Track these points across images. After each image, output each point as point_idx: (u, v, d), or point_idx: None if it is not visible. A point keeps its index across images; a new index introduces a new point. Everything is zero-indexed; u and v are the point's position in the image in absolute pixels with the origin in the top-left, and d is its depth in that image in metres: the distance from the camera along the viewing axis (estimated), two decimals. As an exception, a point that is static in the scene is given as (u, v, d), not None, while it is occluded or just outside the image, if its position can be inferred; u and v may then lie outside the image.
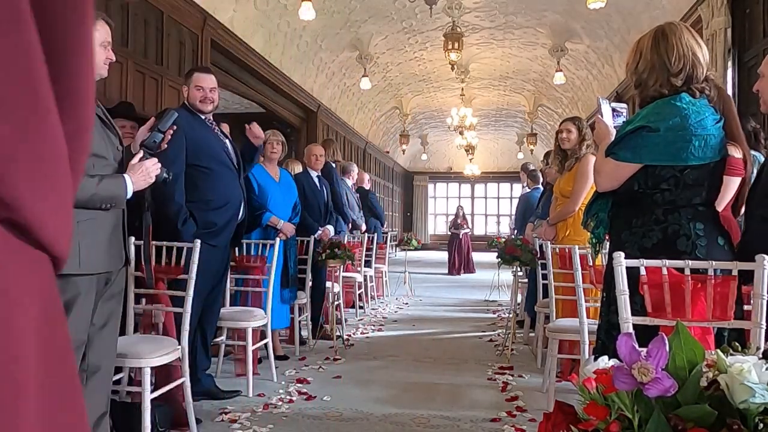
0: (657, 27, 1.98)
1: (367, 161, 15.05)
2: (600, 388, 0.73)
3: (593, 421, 0.73)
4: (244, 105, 10.05)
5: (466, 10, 8.52)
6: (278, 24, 7.99)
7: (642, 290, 1.72)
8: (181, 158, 3.06)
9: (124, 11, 5.05)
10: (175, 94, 5.40)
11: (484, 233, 19.89)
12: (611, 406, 0.73)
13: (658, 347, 0.72)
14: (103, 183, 2.11)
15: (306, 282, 4.75)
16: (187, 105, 3.24)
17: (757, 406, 0.69)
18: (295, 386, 3.65)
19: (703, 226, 1.85)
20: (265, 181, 4.22)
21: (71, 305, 2.07)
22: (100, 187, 2.09)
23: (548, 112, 14.16)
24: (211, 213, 3.15)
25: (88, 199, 2.07)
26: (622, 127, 1.97)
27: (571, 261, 2.93)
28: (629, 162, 1.88)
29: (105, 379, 2.29)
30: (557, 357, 3.32)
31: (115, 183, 2.16)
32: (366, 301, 6.92)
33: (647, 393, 0.70)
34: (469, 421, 3.06)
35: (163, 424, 2.63)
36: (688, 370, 0.73)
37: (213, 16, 6.41)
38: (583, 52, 9.69)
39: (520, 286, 5.43)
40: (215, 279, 3.26)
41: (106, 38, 2.18)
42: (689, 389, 0.72)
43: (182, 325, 2.71)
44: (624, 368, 0.71)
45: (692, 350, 0.75)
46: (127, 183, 2.19)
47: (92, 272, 2.11)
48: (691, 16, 6.15)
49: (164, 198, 2.96)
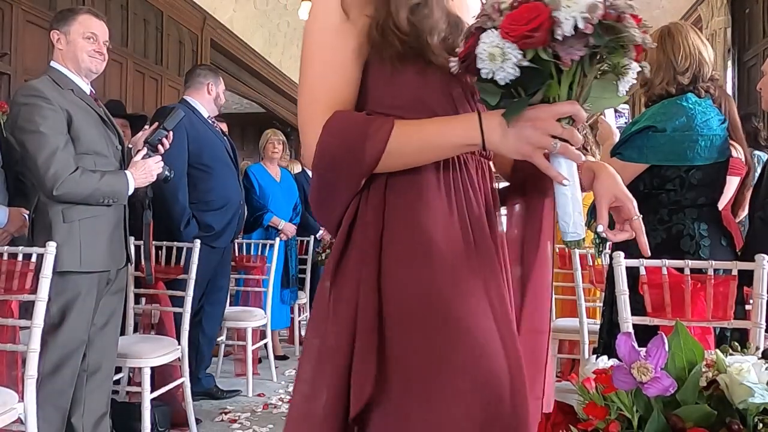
0: (662, 27, 1.98)
1: (367, 161, 15.04)
2: (599, 387, 0.73)
3: (593, 421, 0.73)
4: (244, 105, 10.04)
5: (466, 10, 8.52)
6: (278, 24, 7.99)
7: (642, 290, 1.72)
8: (183, 157, 3.05)
9: (124, 11, 5.05)
10: (175, 94, 5.40)
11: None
12: (611, 405, 0.73)
13: (658, 347, 0.72)
14: (105, 179, 2.11)
15: (306, 282, 4.74)
16: (187, 101, 3.23)
17: (756, 406, 0.69)
18: (295, 386, 3.64)
19: (707, 226, 1.85)
20: (265, 181, 4.21)
21: (72, 304, 2.07)
22: (102, 183, 2.10)
23: (548, 112, 14.15)
24: (211, 215, 3.13)
25: (90, 194, 2.08)
26: (628, 126, 1.97)
27: (571, 261, 2.93)
28: (635, 162, 1.87)
29: (105, 379, 2.29)
30: (557, 357, 3.31)
31: (116, 179, 2.16)
32: (366, 301, 6.92)
33: (646, 392, 0.70)
34: (469, 421, 3.06)
35: (162, 424, 2.63)
36: (687, 369, 0.73)
37: (213, 16, 6.41)
38: (583, 52, 9.69)
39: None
40: (208, 276, 3.23)
41: (88, 30, 2.20)
42: (689, 389, 0.72)
43: (182, 325, 2.71)
44: (623, 368, 0.71)
45: (692, 350, 0.75)
46: (128, 179, 2.19)
47: (93, 270, 2.12)
48: (691, 16, 6.15)
49: (168, 199, 2.96)
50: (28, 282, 1.93)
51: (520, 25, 0.77)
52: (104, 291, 2.21)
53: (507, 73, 0.80)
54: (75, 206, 2.08)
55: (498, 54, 0.79)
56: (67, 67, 2.17)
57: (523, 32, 0.77)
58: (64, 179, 2.00)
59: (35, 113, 2.01)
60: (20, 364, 1.91)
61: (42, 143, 2.00)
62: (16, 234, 2.48)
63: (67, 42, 2.16)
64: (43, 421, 1.93)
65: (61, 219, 2.06)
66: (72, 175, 2.02)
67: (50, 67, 2.18)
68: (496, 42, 0.79)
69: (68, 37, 2.16)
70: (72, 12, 2.21)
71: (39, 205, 2.10)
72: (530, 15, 0.77)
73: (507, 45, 0.79)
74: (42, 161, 2.00)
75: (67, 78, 2.15)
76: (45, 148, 2.00)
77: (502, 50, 0.79)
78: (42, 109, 2.02)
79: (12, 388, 1.86)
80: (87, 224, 2.11)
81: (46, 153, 2.00)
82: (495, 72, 0.80)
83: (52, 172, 1.99)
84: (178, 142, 3.00)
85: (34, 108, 2.01)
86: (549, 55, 0.78)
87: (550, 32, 0.76)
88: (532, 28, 0.76)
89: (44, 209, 2.07)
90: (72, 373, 2.10)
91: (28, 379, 1.83)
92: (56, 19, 2.20)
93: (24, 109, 2.02)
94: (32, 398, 1.83)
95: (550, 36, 0.77)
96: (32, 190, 2.15)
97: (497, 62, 0.80)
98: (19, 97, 2.06)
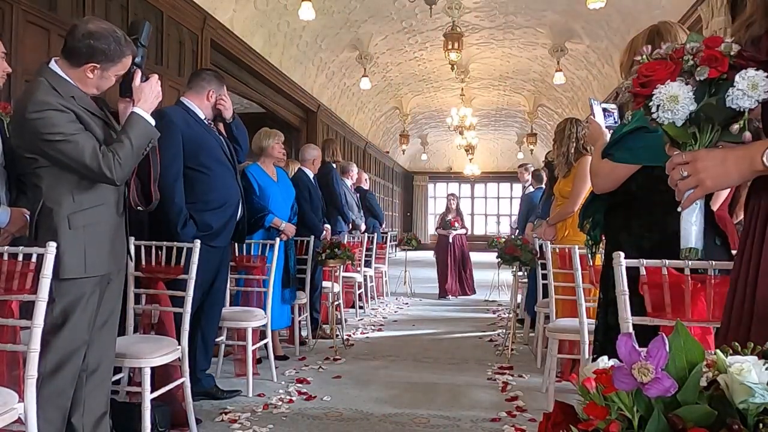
0: (651, 26, 1.97)
1: (367, 161, 15.05)
2: (600, 388, 0.74)
3: (593, 421, 0.73)
4: (244, 105, 10.04)
5: (466, 10, 8.52)
6: (278, 24, 7.99)
7: (642, 290, 1.72)
8: (179, 159, 3.05)
9: (124, 11, 5.05)
10: (176, 94, 5.40)
11: (484, 233, 19.89)
12: (611, 406, 0.73)
13: (658, 347, 0.72)
14: (132, 135, 2.14)
15: (306, 282, 4.75)
16: (183, 103, 3.22)
17: (756, 406, 0.69)
18: (295, 386, 3.65)
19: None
20: (264, 181, 4.21)
21: (76, 306, 2.07)
22: (134, 139, 2.14)
23: (548, 112, 14.16)
24: (210, 214, 3.13)
25: (135, 159, 2.17)
26: (619, 127, 1.96)
27: (571, 261, 2.93)
28: (627, 163, 1.87)
29: (104, 379, 2.29)
30: (557, 357, 3.32)
31: (137, 125, 2.17)
32: (366, 301, 6.93)
33: (647, 393, 0.70)
34: (469, 421, 3.06)
35: (162, 424, 2.63)
36: (687, 370, 0.73)
37: (213, 16, 6.41)
38: (583, 52, 9.69)
39: (520, 285, 5.43)
40: (211, 277, 3.24)
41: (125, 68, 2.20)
42: (689, 389, 0.72)
43: (182, 325, 2.71)
44: (624, 368, 0.71)
45: (692, 350, 0.75)
46: (142, 115, 2.20)
47: (96, 274, 2.12)
48: (691, 16, 6.15)
49: (164, 201, 2.95)
50: (29, 282, 1.93)
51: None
52: (105, 291, 2.21)
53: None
54: (81, 212, 2.09)
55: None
56: (68, 75, 2.12)
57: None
58: (114, 167, 2.07)
59: (54, 123, 2.02)
60: (21, 364, 1.91)
61: (78, 147, 2.03)
62: (17, 234, 2.48)
63: (101, 77, 2.15)
64: (44, 421, 1.93)
65: (67, 225, 2.06)
66: (115, 159, 2.08)
67: (48, 68, 2.12)
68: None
69: (104, 73, 2.14)
70: (120, 53, 2.15)
71: (43, 209, 2.08)
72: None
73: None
74: (89, 162, 2.04)
75: (68, 85, 2.11)
76: (85, 149, 2.04)
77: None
78: (59, 117, 2.03)
79: (12, 388, 1.86)
80: (92, 230, 2.12)
81: (88, 153, 2.04)
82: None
83: (105, 166, 2.06)
84: (173, 144, 3.00)
85: (51, 119, 2.02)
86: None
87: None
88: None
89: (49, 214, 2.07)
90: (73, 374, 2.10)
91: (28, 379, 1.83)
92: (102, 53, 2.12)
93: (40, 123, 2.02)
94: (32, 398, 1.83)
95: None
96: (35, 191, 2.13)
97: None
98: (30, 114, 2.02)
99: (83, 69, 2.11)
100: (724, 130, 1.06)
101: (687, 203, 1.13)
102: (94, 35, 2.09)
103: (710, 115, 1.05)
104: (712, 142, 1.08)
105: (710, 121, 1.06)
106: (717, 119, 1.06)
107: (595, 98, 2.25)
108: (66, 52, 2.12)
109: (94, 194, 2.14)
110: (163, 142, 3.01)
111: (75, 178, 2.10)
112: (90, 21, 2.18)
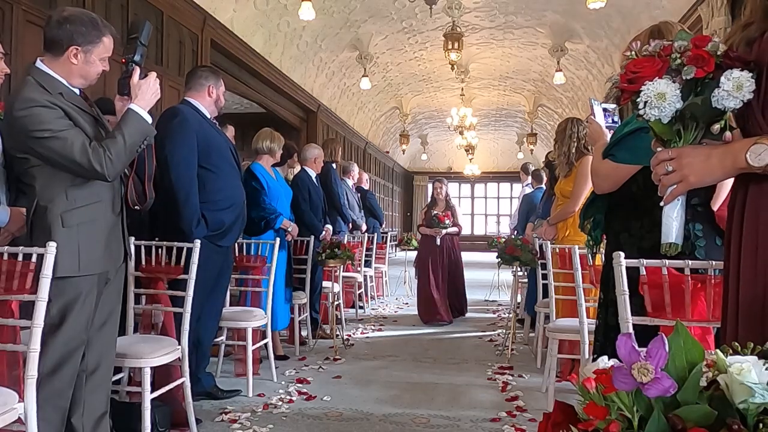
0: (652, 26, 1.97)
1: (367, 161, 15.05)
2: (600, 388, 0.74)
3: (593, 421, 0.73)
4: (244, 105, 10.05)
5: (466, 10, 8.51)
6: (278, 24, 7.99)
7: (642, 290, 1.72)
8: (194, 158, 3.05)
9: (124, 11, 5.05)
10: (176, 94, 5.40)
11: (484, 233, 19.88)
12: (611, 406, 0.73)
13: (658, 347, 0.72)
14: (126, 131, 2.12)
15: (306, 282, 4.74)
16: (190, 102, 3.22)
17: (756, 406, 0.69)
18: (295, 386, 3.65)
19: (702, 226, 1.84)
20: (270, 181, 4.20)
21: (72, 305, 2.07)
22: (127, 136, 2.12)
23: (548, 112, 14.16)
24: (220, 213, 3.13)
25: (129, 155, 2.14)
26: (620, 128, 1.96)
27: (571, 261, 2.93)
28: (628, 163, 1.87)
29: (104, 379, 2.29)
30: (557, 357, 3.32)
31: (132, 122, 2.15)
32: (366, 301, 6.92)
33: (647, 393, 0.70)
34: (469, 421, 3.06)
35: (163, 424, 2.63)
36: (687, 370, 0.74)
37: (213, 16, 6.41)
38: (583, 52, 9.68)
39: (520, 285, 5.43)
40: (217, 277, 3.24)
41: (108, 52, 2.19)
42: (689, 389, 0.72)
43: (182, 325, 2.71)
44: (624, 368, 0.71)
45: (692, 350, 0.75)
46: (138, 112, 2.18)
47: (91, 273, 2.11)
48: (691, 16, 6.15)
49: (179, 200, 2.95)
50: (28, 282, 1.92)
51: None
52: (103, 291, 2.21)
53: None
54: (75, 210, 2.08)
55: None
56: (54, 70, 2.11)
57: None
58: (104, 163, 2.05)
59: (42, 120, 2.00)
60: (21, 364, 1.91)
61: (67, 143, 2.02)
62: (17, 234, 2.48)
63: (85, 61, 2.13)
64: (43, 421, 1.93)
65: (61, 224, 2.05)
66: (106, 155, 2.06)
67: (35, 67, 2.11)
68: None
69: (88, 57, 2.13)
70: (98, 32, 2.14)
71: (38, 208, 2.08)
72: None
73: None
74: (79, 157, 2.03)
75: (55, 81, 2.10)
76: (74, 145, 2.02)
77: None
78: (46, 114, 2.01)
79: (12, 388, 1.86)
80: (86, 228, 2.10)
81: (77, 149, 2.03)
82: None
83: (95, 162, 2.04)
84: (188, 143, 3.01)
85: (38, 116, 2.00)
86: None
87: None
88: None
89: (43, 213, 2.06)
90: (72, 373, 2.10)
91: (28, 379, 1.83)
92: (80, 34, 2.12)
93: (27, 120, 2.01)
94: (32, 398, 1.83)
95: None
96: (30, 191, 2.13)
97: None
98: (17, 112, 2.02)
99: (66, 56, 2.10)
100: (707, 129, 1.08)
101: (670, 198, 1.14)
102: (69, 19, 2.10)
103: (695, 113, 1.07)
104: (696, 140, 1.10)
105: (695, 119, 1.07)
106: (701, 118, 1.07)
107: (595, 98, 2.25)
108: (47, 44, 2.12)
109: (88, 192, 2.12)
110: (179, 140, 3.02)
111: (69, 176, 2.08)
112: (64, 9, 2.20)
